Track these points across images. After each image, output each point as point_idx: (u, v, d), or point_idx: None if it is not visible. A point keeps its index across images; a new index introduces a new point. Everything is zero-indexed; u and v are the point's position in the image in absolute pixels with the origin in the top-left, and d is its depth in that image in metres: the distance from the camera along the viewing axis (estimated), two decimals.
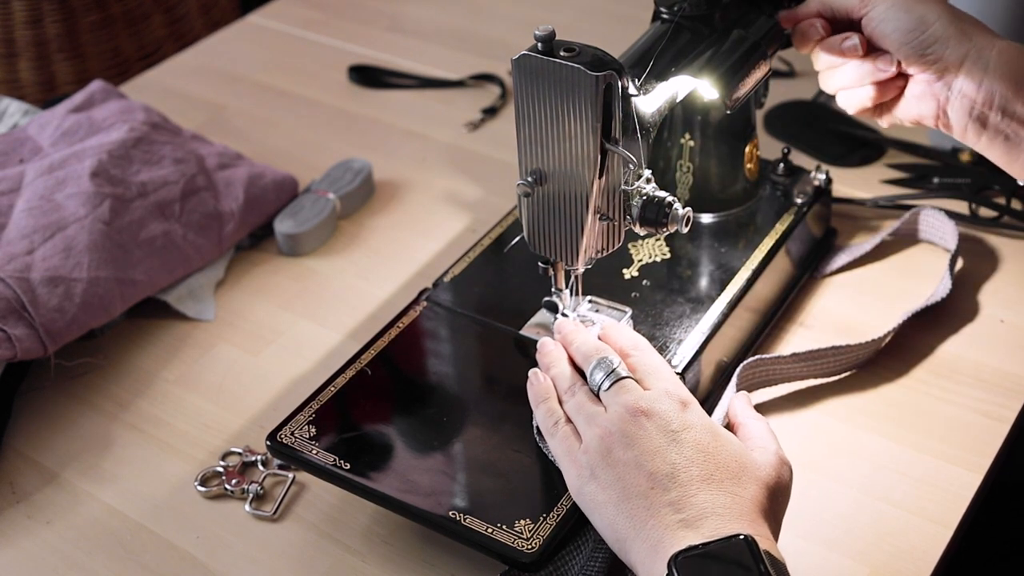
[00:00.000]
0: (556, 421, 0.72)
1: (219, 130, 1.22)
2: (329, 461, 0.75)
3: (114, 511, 0.81)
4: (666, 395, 0.69)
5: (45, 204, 0.96)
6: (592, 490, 0.67)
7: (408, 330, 0.85)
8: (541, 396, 0.74)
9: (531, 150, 0.74)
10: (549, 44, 0.69)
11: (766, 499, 0.65)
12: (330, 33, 1.41)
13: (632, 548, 0.64)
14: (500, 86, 1.26)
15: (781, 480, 0.67)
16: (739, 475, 0.65)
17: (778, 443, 0.70)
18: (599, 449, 0.67)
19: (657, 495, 0.64)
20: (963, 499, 0.77)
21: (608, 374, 0.71)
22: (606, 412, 0.69)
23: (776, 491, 0.66)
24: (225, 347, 0.95)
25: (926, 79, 0.79)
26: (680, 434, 0.66)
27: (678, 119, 0.91)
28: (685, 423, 0.67)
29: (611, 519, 0.65)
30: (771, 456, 0.68)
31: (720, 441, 0.67)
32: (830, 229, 0.99)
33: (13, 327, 0.86)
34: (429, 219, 1.08)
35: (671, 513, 0.63)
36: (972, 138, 0.80)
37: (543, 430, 0.73)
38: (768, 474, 0.66)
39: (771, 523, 0.65)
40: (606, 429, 0.68)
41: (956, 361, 0.87)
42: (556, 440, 0.71)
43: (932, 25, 0.78)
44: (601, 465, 0.67)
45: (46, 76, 1.70)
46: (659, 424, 0.67)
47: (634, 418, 0.67)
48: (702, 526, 0.62)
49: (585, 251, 0.76)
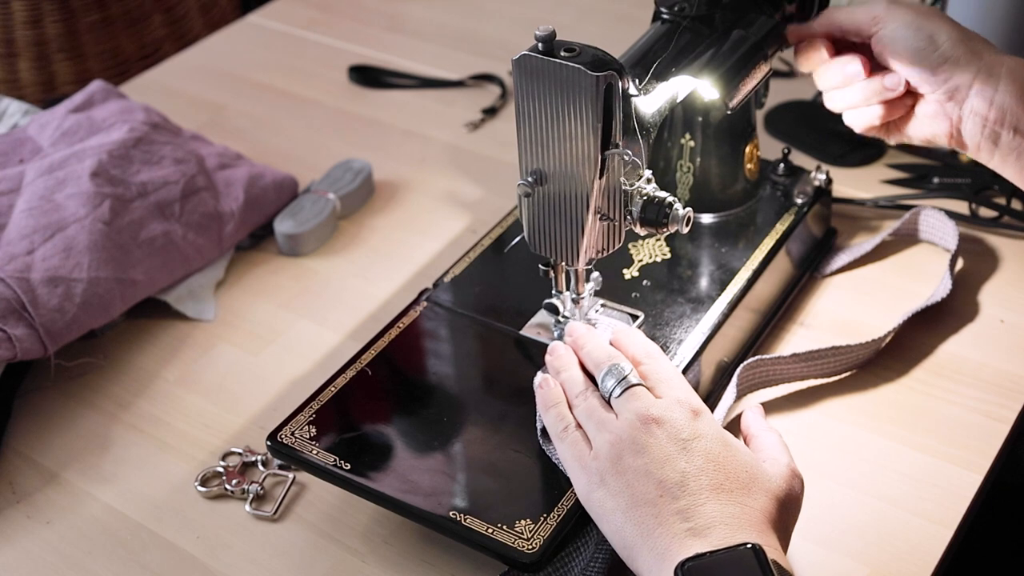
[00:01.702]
0: (566, 426, 0.71)
1: (219, 130, 1.22)
2: (329, 461, 0.75)
3: (114, 511, 0.81)
4: (678, 404, 0.68)
5: (45, 204, 0.96)
6: (601, 496, 0.66)
7: (408, 330, 0.85)
8: (551, 401, 0.74)
9: (531, 150, 0.74)
10: (549, 44, 0.69)
11: (776, 510, 0.65)
12: (330, 33, 1.41)
13: (639, 556, 0.64)
14: (500, 86, 1.26)
15: (792, 492, 0.67)
16: (749, 485, 0.65)
17: (790, 456, 0.69)
18: (609, 456, 0.67)
19: (666, 503, 0.64)
20: (963, 499, 0.77)
21: (619, 381, 0.71)
22: (617, 419, 0.69)
23: (786, 503, 0.66)
24: (225, 347, 0.95)
25: (937, 99, 0.80)
26: (691, 443, 0.66)
27: (678, 119, 0.91)
28: (696, 432, 0.67)
29: (619, 526, 0.65)
30: (782, 468, 0.68)
31: (731, 451, 0.66)
32: (830, 229, 0.99)
33: (13, 327, 0.86)
34: (429, 219, 1.08)
35: (679, 522, 0.63)
36: (985, 156, 0.80)
37: (552, 435, 0.72)
38: (779, 485, 0.66)
39: (780, 535, 0.64)
40: (617, 436, 0.68)
41: (956, 361, 0.87)
42: (566, 445, 0.70)
43: (942, 44, 0.78)
44: (611, 472, 0.66)
45: (46, 76, 1.70)
46: (670, 432, 0.67)
47: (645, 425, 0.67)
48: (710, 535, 0.62)
49: (585, 251, 0.76)
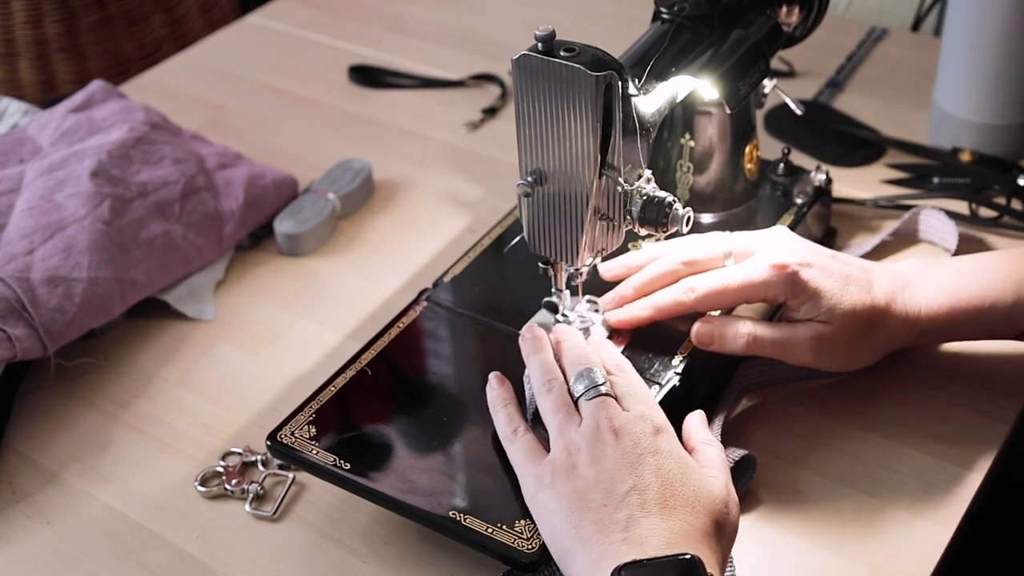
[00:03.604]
0: (516, 428, 0.72)
1: (219, 130, 1.22)
2: (329, 461, 0.75)
3: (114, 511, 0.81)
4: (640, 419, 0.69)
5: (45, 204, 0.96)
6: (546, 498, 0.67)
7: (408, 330, 0.85)
8: (502, 401, 0.74)
9: (531, 150, 0.74)
10: (549, 44, 0.69)
11: (713, 530, 0.65)
12: (330, 33, 1.41)
13: (574, 559, 0.64)
14: (500, 86, 1.26)
15: (730, 515, 0.67)
16: (694, 504, 0.65)
17: (729, 476, 0.70)
18: (564, 463, 0.68)
19: (608, 512, 0.64)
20: (963, 499, 0.77)
21: (592, 386, 0.71)
22: (579, 425, 0.70)
23: (723, 525, 0.66)
24: (225, 347, 0.95)
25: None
26: (644, 457, 0.66)
27: (678, 119, 0.91)
28: (652, 448, 0.67)
29: (558, 529, 0.65)
30: (722, 490, 0.68)
31: (684, 469, 0.67)
32: (830, 229, 0.99)
33: (13, 327, 0.86)
34: (429, 219, 1.08)
35: (619, 531, 0.63)
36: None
37: (501, 436, 0.73)
38: (719, 508, 0.67)
39: (718, 556, 0.65)
40: (574, 443, 0.68)
41: (956, 361, 0.87)
42: (516, 447, 0.71)
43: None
44: (562, 476, 0.67)
45: (46, 76, 1.70)
46: (627, 445, 0.67)
47: (604, 435, 0.68)
48: (646, 545, 0.62)
49: (585, 251, 0.76)
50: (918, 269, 0.82)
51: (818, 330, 0.78)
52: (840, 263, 0.80)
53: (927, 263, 0.82)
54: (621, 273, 0.84)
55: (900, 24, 1.39)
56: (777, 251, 0.79)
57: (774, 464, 0.80)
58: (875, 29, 1.31)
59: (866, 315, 0.78)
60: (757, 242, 0.81)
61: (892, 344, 0.81)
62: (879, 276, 0.80)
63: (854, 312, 0.77)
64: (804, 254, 0.79)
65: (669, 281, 0.82)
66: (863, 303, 0.78)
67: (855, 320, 0.78)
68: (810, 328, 0.78)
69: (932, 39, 1.33)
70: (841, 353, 0.80)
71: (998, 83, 1.03)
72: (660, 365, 0.80)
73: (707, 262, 0.82)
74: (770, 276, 0.78)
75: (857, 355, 0.80)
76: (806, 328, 0.78)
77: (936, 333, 0.81)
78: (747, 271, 0.79)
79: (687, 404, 0.77)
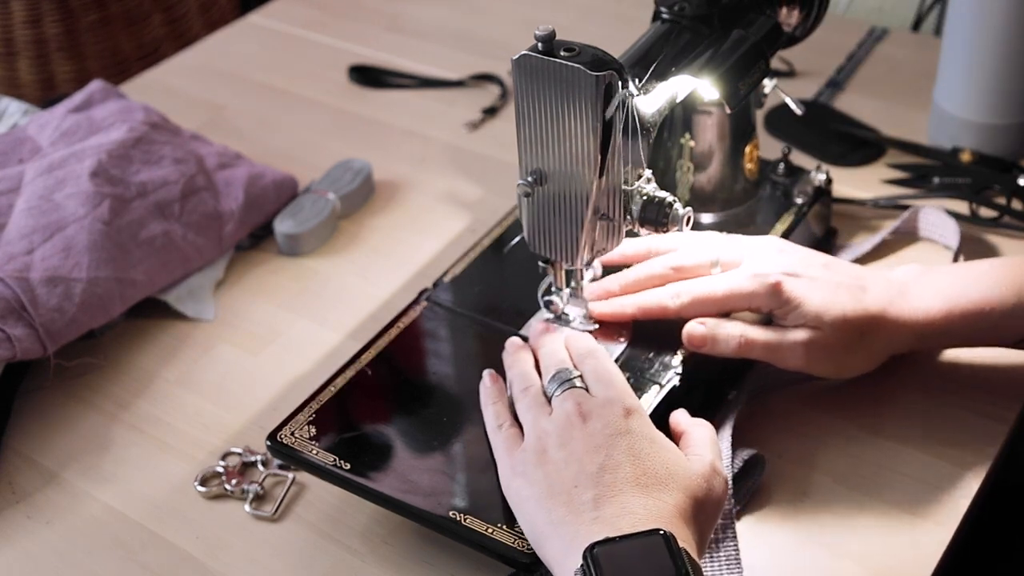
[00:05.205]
0: (501, 423, 0.73)
1: (219, 130, 1.22)
2: (329, 461, 0.75)
3: (114, 511, 0.81)
4: (609, 402, 0.70)
5: (44, 204, 0.96)
6: (519, 485, 0.68)
7: (408, 330, 0.85)
8: (492, 398, 0.76)
9: (531, 150, 0.74)
10: (549, 44, 0.69)
11: (691, 507, 0.65)
12: (330, 33, 1.41)
13: (548, 543, 0.64)
14: (500, 86, 1.26)
15: (712, 492, 0.67)
16: (666, 481, 0.65)
17: (717, 453, 0.70)
18: (535, 448, 0.69)
19: (579, 493, 0.64)
20: (963, 499, 0.77)
21: (562, 384, 0.72)
22: (551, 415, 0.71)
23: (704, 502, 0.66)
24: (225, 347, 0.95)
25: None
26: (614, 438, 0.67)
27: (678, 119, 0.91)
28: (623, 428, 0.68)
29: (532, 515, 0.66)
30: (704, 467, 0.68)
31: (655, 448, 0.67)
32: (830, 229, 0.99)
33: (13, 327, 0.86)
34: (429, 219, 1.08)
35: (589, 511, 0.63)
36: None
37: (488, 429, 0.74)
38: (697, 484, 0.67)
39: (695, 532, 0.65)
40: (545, 430, 0.69)
41: (956, 361, 0.87)
42: (498, 438, 0.72)
43: None
44: (533, 463, 0.68)
45: (46, 76, 1.70)
46: (596, 428, 0.68)
47: (573, 420, 0.69)
48: (618, 523, 0.62)
49: (585, 251, 0.76)
50: (916, 275, 0.82)
51: (810, 336, 0.78)
52: (832, 272, 0.80)
53: (925, 269, 0.82)
54: (612, 289, 0.84)
55: (900, 24, 1.39)
56: (763, 262, 0.80)
57: (777, 464, 0.80)
58: (875, 29, 1.31)
59: (857, 322, 0.78)
60: (745, 251, 0.81)
61: (888, 351, 0.81)
62: (873, 283, 0.80)
63: (844, 319, 0.78)
64: (791, 264, 0.79)
65: (655, 284, 0.83)
66: (854, 310, 0.78)
67: (846, 327, 0.78)
68: (801, 333, 0.78)
69: (932, 39, 1.33)
70: (833, 359, 0.80)
71: (998, 83, 1.03)
72: (660, 365, 0.80)
73: (694, 269, 0.82)
74: (755, 287, 0.78)
75: (850, 362, 0.80)
76: (797, 333, 0.78)
77: (935, 339, 0.81)
78: (732, 281, 0.79)
79: (687, 404, 0.77)
